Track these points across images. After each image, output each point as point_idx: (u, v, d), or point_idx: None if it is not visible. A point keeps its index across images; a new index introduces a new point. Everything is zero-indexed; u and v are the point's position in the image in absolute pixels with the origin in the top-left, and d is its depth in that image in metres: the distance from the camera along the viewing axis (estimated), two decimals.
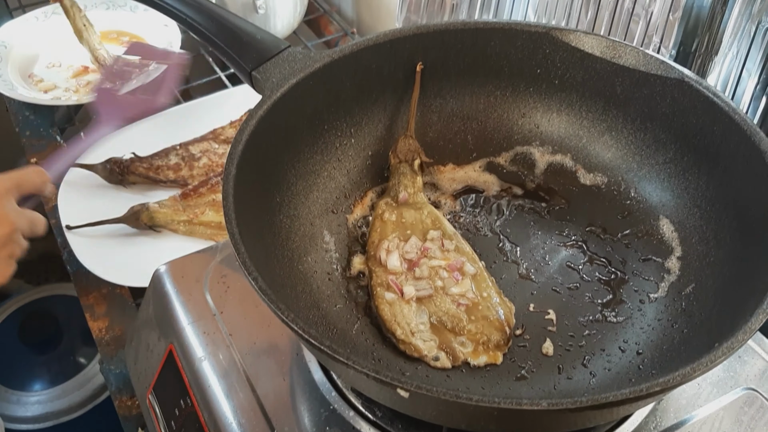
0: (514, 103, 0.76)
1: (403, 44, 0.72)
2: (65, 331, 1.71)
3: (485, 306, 0.63)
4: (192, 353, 0.67)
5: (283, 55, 0.68)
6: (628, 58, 0.69)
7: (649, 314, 0.63)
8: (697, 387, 0.63)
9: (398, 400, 0.49)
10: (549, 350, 0.61)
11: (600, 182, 0.73)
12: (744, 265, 0.58)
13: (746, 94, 0.70)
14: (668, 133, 0.68)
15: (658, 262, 0.66)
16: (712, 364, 0.45)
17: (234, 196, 0.56)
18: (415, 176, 0.73)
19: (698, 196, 0.66)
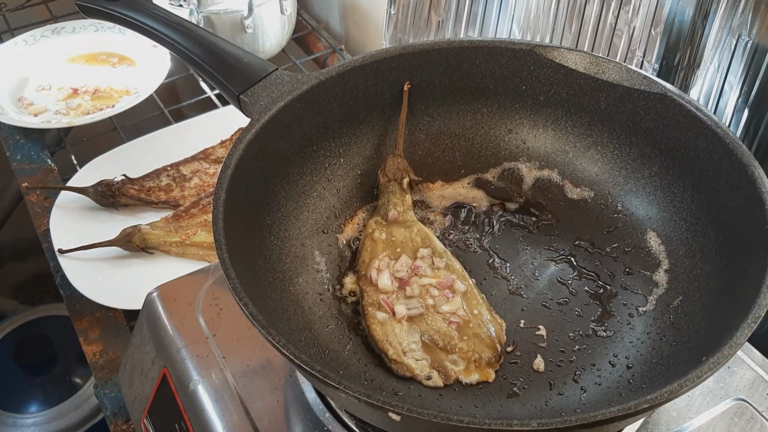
0: (501, 119, 0.77)
1: (389, 65, 0.73)
2: (60, 352, 1.70)
3: (476, 323, 0.63)
4: (186, 377, 0.67)
5: (271, 77, 0.68)
6: (611, 74, 0.70)
7: (638, 328, 0.63)
8: (687, 399, 0.63)
9: (391, 423, 0.49)
10: (540, 366, 0.61)
11: (587, 196, 0.73)
12: (730, 278, 0.58)
13: (728, 106, 0.71)
14: (653, 148, 0.69)
15: (646, 276, 0.66)
16: (699, 379, 0.46)
17: (224, 220, 0.57)
18: (405, 194, 0.73)
19: (684, 209, 0.66)
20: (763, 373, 0.65)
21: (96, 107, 1.14)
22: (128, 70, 1.22)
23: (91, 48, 1.26)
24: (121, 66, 1.23)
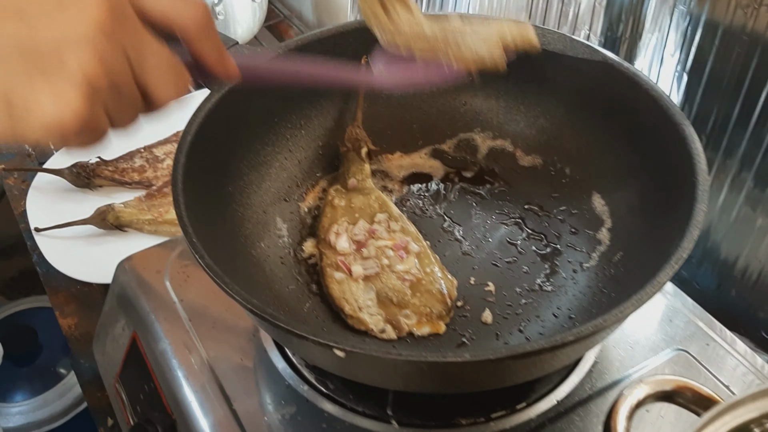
0: (456, 92, 0.80)
1: (346, 38, 0.76)
2: (44, 343, 1.73)
3: (428, 281, 0.66)
4: (154, 340, 0.70)
5: (231, 51, 0.71)
6: (557, 44, 0.73)
7: (581, 282, 0.67)
8: (630, 349, 0.66)
9: (338, 363, 0.52)
10: (488, 319, 0.65)
11: (537, 163, 0.77)
12: (664, 231, 0.62)
13: (669, 74, 0.75)
14: (597, 113, 0.72)
15: (590, 234, 0.70)
16: (622, 314, 0.49)
17: (183, 183, 0.60)
18: (363, 163, 0.76)
19: (625, 170, 0.70)
20: (704, 326, 0.68)
21: None
22: None
23: None
24: None
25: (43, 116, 0.34)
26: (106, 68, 0.34)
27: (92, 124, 0.35)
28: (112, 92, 0.35)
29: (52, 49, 0.33)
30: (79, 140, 0.36)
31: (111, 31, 0.34)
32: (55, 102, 0.33)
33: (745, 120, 0.69)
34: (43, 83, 0.33)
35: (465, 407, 0.61)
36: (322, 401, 0.63)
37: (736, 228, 0.75)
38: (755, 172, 0.70)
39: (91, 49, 0.33)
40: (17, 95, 0.33)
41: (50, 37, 0.33)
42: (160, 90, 0.38)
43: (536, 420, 0.60)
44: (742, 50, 0.66)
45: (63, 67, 0.33)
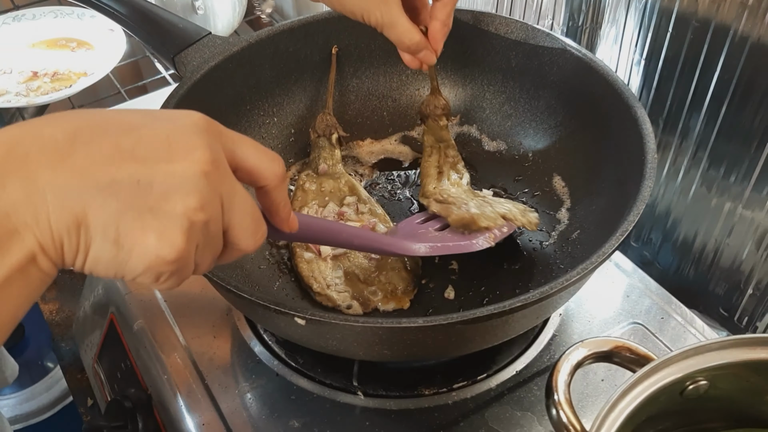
0: (424, 80, 0.83)
1: (316, 28, 0.78)
2: (31, 337, 1.74)
3: (394, 260, 0.69)
4: (130, 319, 0.72)
5: (204, 41, 0.74)
6: (519, 33, 0.76)
7: (540, 259, 0.69)
8: (588, 323, 0.69)
9: (301, 333, 0.55)
10: (451, 295, 0.67)
11: (502, 148, 0.79)
12: (617, 208, 0.64)
13: (628, 61, 0.78)
14: (558, 99, 0.75)
15: (551, 215, 0.73)
16: (568, 282, 0.52)
17: None
18: (334, 149, 0.79)
19: (583, 152, 0.73)
20: (660, 302, 0.71)
21: (55, 88, 1.19)
22: (86, 54, 1.27)
23: (50, 34, 1.30)
24: (80, 50, 1.28)
25: (148, 253, 0.35)
26: (206, 212, 0.37)
27: (184, 263, 0.37)
28: (205, 234, 0.37)
29: (163, 192, 0.35)
30: (169, 280, 0.38)
31: (212, 180, 0.37)
32: (161, 239, 0.35)
33: (699, 103, 0.72)
34: (152, 221, 0.35)
35: (428, 378, 0.64)
36: (292, 375, 0.65)
37: (693, 208, 0.77)
38: (709, 152, 0.73)
39: (197, 194, 0.36)
40: (127, 230, 0.35)
41: (163, 181, 0.35)
42: (242, 235, 0.40)
43: (496, 389, 0.63)
44: (694, 35, 0.69)
45: (171, 207, 0.36)
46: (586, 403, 0.62)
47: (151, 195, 0.35)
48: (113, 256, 0.36)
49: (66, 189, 0.34)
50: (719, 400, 0.46)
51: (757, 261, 0.73)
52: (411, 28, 0.64)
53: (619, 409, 0.42)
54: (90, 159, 0.35)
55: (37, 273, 0.35)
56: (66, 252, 0.35)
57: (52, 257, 0.35)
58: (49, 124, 0.35)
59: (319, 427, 0.61)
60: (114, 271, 0.36)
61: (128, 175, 0.35)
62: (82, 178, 0.35)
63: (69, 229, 0.35)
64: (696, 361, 0.45)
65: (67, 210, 0.34)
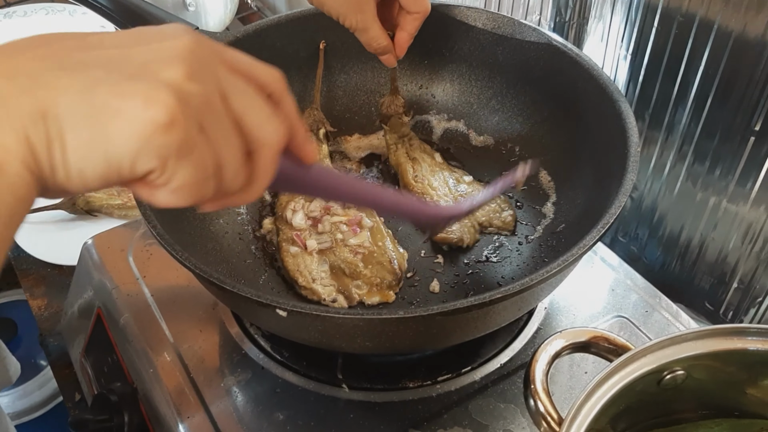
0: (412, 76, 0.83)
1: (303, 24, 0.78)
2: (24, 335, 1.74)
3: (380, 254, 0.69)
4: (117, 313, 0.72)
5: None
6: (506, 28, 0.76)
7: (525, 253, 0.70)
8: (572, 317, 0.69)
9: (284, 325, 0.55)
10: (436, 288, 0.67)
11: (489, 143, 0.80)
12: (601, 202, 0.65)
13: (615, 56, 0.78)
14: (543, 94, 0.76)
15: (537, 209, 0.73)
16: (548, 274, 0.52)
17: None
18: (321, 144, 0.79)
19: (569, 147, 0.73)
20: (645, 296, 0.71)
21: None
22: None
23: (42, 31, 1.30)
24: None
25: (134, 119, 0.30)
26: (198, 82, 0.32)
27: (186, 131, 0.31)
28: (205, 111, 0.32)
29: (142, 62, 0.31)
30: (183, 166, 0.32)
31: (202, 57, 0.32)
32: (146, 100, 0.30)
33: (684, 97, 0.72)
34: (132, 85, 0.30)
35: (412, 371, 0.64)
36: (277, 368, 0.66)
37: (678, 203, 0.78)
38: (694, 147, 0.73)
39: (183, 63, 0.31)
40: (103, 101, 0.30)
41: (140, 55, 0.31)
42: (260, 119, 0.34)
43: (480, 382, 0.63)
44: (679, 30, 0.70)
45: (154, 72, 0.31)
46: (569, 396, 0.62)
47: (126, 66, 0.31)
48: (93, 136, 0.30)
49: (23, 77, 0.30)
50: (696, 390, 0.46)
51: (741, 255, 0.73)
52: (381, 34, 0.69)
53: (596, 399, 0.42)
54: (51, 48, 0.31)
55: (8, 183, 0.29)
56: (38, 149, 0.30)
57: (22, 159, 0.29)
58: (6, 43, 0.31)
59: (303, 419, 0.61)
60: (104, 158, 0.30)
61: (96, 56, 0.31)
62: (41, 62, 0.30)
63: (33, 119, 0.29)
64: (673, 351, 0.45)
65: (26, 98, 0.29)
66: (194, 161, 0.32)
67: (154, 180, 0.32)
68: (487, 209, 0.72)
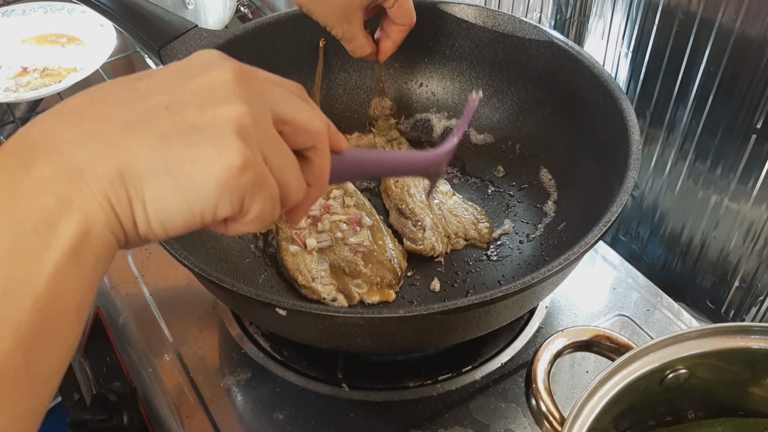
0: (413, 74, 0.83)
1: (304, 22, 0.78)
2: None
3: (380, 252, 0.69)
4: (115, 312, 0.72)
5: (190, 33, 0.73)
6: (506, 26, 0.76)
7: (526, 252, 0.69)
8: (574, 315, 0.69)
9: (284, 324, 0.55)
10: (436, 287, 0.67)
11: (489, 141, 0.79)
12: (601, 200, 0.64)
13: (616, 54, 0.78)
14: (545, 92, 0.75)
15: (538, 208, 0.73)
16: (550, 273, 0.51)
17: None
18: None
19: (570, 145, 0.73)
20: (647, 294, 0.71)
21: (44, 84, 1.19)
22: (76, 49, 1.26)
23: (40, 29, 1.29)
24: (70, 45, 1.27)
25: (212, 168, 0.31)
26: (253, 110, 0.33)
27: (258, 171, 0.33)
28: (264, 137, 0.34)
29: (199, 106, 0.32)
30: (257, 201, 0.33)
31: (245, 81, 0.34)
32: (217, 147, 0.31)
33: (685, 95, 0.72)
34: (199, 135, 0.32)
35: (413, 370, 0.64)
36: (277, 367, 0.65)
37: (680, 202, 0.77)
38: (695, 145, 0.73)
39: (237, 97, 0.33)
40: (177, 155, 0.31)
41: (194, 97, 0.32)
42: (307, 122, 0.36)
43: (481, 381, 0.63)
44: (680, 28, 0.69)
45: (213, 116, 0.32)
46: (570, 395, 0.62)
47: (187, 113, 0.32)
48: (174, 189, 0.31)
49: (93, 142, 0.31)
50: (699, 389, 0.46)
51: (743, 253, 0.73)
52: (366, 43, 0.71)
53: (598, 398, 0.42)
54: (109, 106, 0.32)
55: (93, 248, 0.31)
56: (119, 210, 0.31)
57: (106, 222, 0.31)
58: (60, 103, 0.33)
59: (303, 419, 0.61)
60: (187, 208, 0.32)
61: (154, 105, 0.32)
62: (106, 124, 0.31)
63: (112, 182, 0.30)
64: (676, 349, 0.44)
65: (102, 162, 0.30)
66: (265, 192, 0.34)
67: (230, 218, 0.33)
68: (463, 220, 0.71)
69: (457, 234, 0.70)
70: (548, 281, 0.52)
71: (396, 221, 0.72)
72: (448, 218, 0.71)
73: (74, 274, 0.30)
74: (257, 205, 0.33)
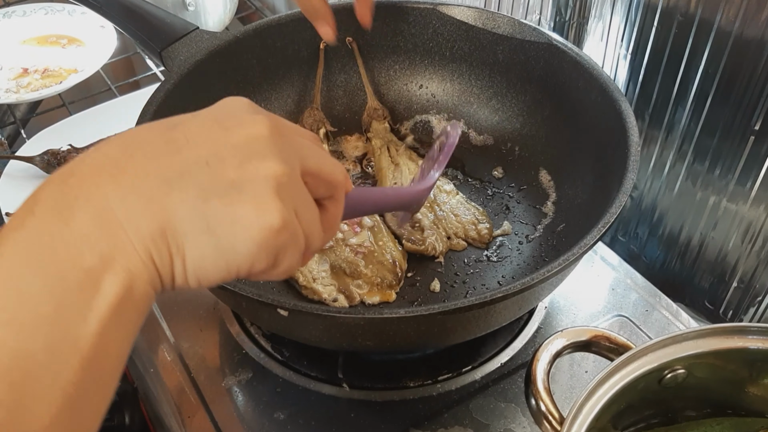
0: (412, 75, 0.83)
1: (304, 24, 0.78)
2: None
3: (380, 253, 0.69)
4: None
5: (191, 35, 0.74)
6: (506, 28, 0.76)
7: (525, 252, 0.70)
8: (573, 316, 0.70)
9: (285, 324, 0.55)
10: (436, 287, 0.67)
11: (489, 142, 0.80)
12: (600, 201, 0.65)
13: (615, 55, 0.78)
14: (544, 93, 0.76)
15: (537, 209, 0.73)
16: (550, 273, 0.52)
17: None
18: (322, 144, 0.79)
19: (569, 146, 0.73)
20: (645, 295, 0.72)
21: (45, 85, 1.19)
22: (77, 50, 1.27)
23: (41, 30, 1.30)
24: (71, 46, 1.28)
25: (251, 228, 0.32)
26: (288, 165, 0.34)
27: (293, 229, 0.34)
28: (296, 193, 0.35)
29: (238, 162, 0.32)
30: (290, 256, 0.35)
31: (278, 135, 0.34)
32: (258, 208, 0.32)
33: (684, 96, 0.72)
34: (239, 194, 0.32)
35: (413, 370, 0.64)
36: (277, 367, 0.66)
37: (678, 202, 0.78)
38: (694, 146, 0.73)
39: (273, 151, 0.33)
40: (217, 214, 0.32)
41: (233, 152, 0.32)
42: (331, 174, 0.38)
43: (481, 381, 0.63)
44: (679, 29, 0.70)
45: (253, 173, 0.32)
46: (569, 395, 0.63)
47: (226, 170, 0.32)
48: (214, 247, 0.32)
49: (135, 197, 0.31)
50: (697, 389, 0.46)
51: (741, 254, 0.73)
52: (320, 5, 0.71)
53: (597, 397, 0.42)
54: (148, 158, 0.32)
55: (135, 304, 0.31)
56: (160, 266, 0.31)
57: (148, 279, 0.31)
58: (95, 149, 0.33)
59: (304, 418, 0.61)
60: (225, 265, 0.33)
61: (194, 160, 0.32)
62: (147, 180, 0.31)
63: (154, 239, 0.31)
64: (674, 349, 0.45)
65: (144, 219, 0.31)
66: (297, 247, 0.35)
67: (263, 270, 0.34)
68: (464, 221, 0.72)
69: (457, 234, 0.71)
70: (548, 282, 0.53)
71: (394, 222, 0.72)
72: (449, 218, 0.72)
73: (118, 330, 0.30)
74: (288, 260, 0.35)
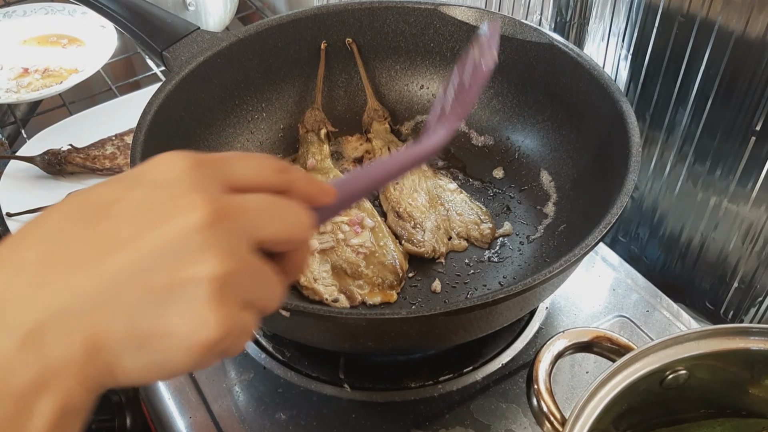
0: (413, 76, 0.83)
1: (305, 24, 0.79)
2: None
3: (381, 253, 0.69)
4: None
5: (192, 36, 0.74)
6: (507, 28, 0.76)
7: (526, 253, 0.70)
8: (574, 316, 0.70)
9: (287, 325, 0.55)
10: (437, 288, 0.67)
11: (489, 143, 0.80)
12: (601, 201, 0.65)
13: (616, 56, 0.78)
14: (545, 94, 0.76)
15: (538, 209, 0.73)
16: (551, 274, 0.52)
17: (141, 160, 0.62)
18: (322, 144, 0.79)
19: (570, 147, 0.73)
20: (646, 295, 0.72)
21: (45, 85, 1.19)
22: (78, 50, 1.27)
23: (41, 30, 1.30)
24: (71, 46, 1.28)
25: (185, 342, 0.29)
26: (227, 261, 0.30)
27: (238, 327, 0.30)
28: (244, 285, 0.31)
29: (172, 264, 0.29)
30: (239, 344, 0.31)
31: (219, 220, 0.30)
32: (191, 320, 0.29)
33: (685, 97, 0.72)
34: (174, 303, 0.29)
35: (414, 371, 0.64)
36: (279, 368, 0.66)
37: (679, 203, 0.78)
38: (695, 147, 0.73)
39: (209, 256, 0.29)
40: (149, 328, 0.29)
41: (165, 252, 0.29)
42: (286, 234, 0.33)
43: (482, 382, 0.63)
44: (680, 31, 0.70)
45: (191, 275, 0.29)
46: (571, 396, 0.63)
47: (157, 277, 0.29)
48: (150, 362, 0.30)
49: (59, 316, 0.28)
50: (699, 390, 0.46)
51: (742, 255, 0.73)
52: None
53: (599, 398, 0.42)
54: (70, 267, 0.29)
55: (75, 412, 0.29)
56: (98, 378, 0.29)
57: (86, 393, 0.29)
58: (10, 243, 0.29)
59: (305, 419, 0.61)
60: (168, 373, 0.31)
61: (121, 266, 0.29)
62: (70, 294, 0.28)
63: (88, 358, 0.28)
64: (675, 350, 0.45)
65: (72, 340, 0.28)
66: (246, 338, 0.32)
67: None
68: (466, 220, 0.72)
69: (459, 234, 0.71)
70: (549, 283, 0.53)
71: (394, 223, 0.72)
72: (452, 217, 0.72)
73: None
74: (236, 349, 0.32)
